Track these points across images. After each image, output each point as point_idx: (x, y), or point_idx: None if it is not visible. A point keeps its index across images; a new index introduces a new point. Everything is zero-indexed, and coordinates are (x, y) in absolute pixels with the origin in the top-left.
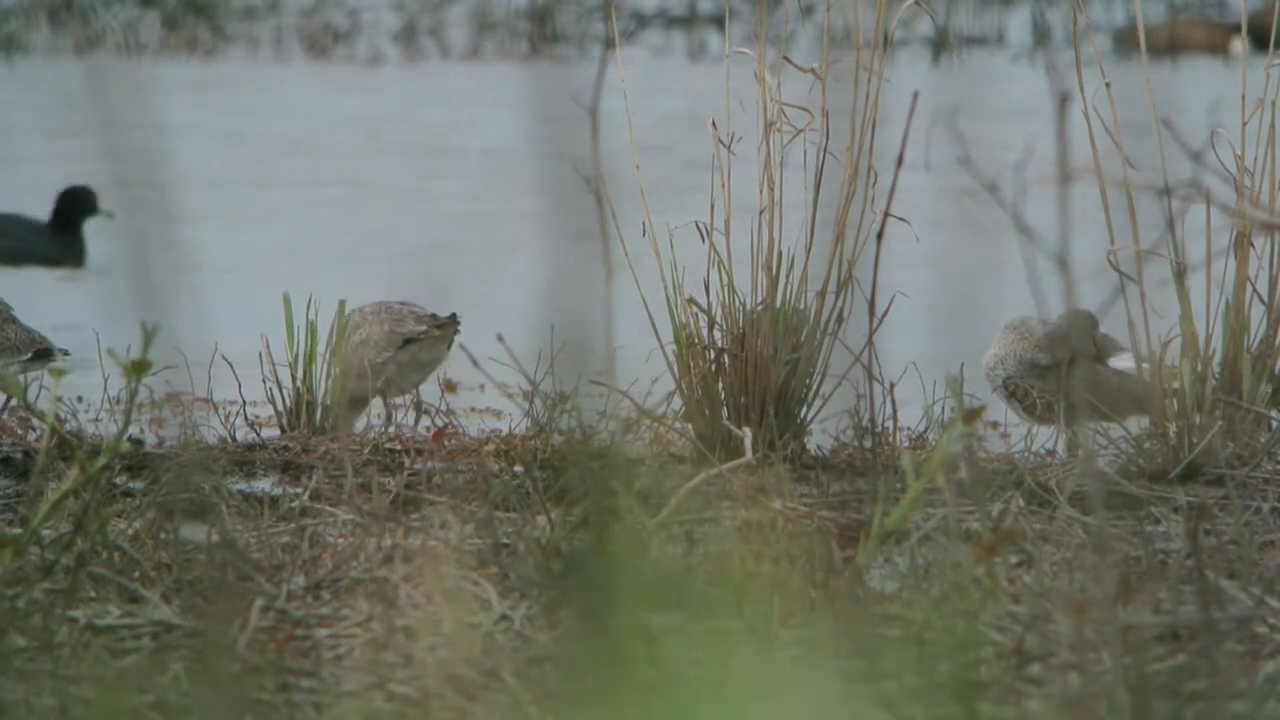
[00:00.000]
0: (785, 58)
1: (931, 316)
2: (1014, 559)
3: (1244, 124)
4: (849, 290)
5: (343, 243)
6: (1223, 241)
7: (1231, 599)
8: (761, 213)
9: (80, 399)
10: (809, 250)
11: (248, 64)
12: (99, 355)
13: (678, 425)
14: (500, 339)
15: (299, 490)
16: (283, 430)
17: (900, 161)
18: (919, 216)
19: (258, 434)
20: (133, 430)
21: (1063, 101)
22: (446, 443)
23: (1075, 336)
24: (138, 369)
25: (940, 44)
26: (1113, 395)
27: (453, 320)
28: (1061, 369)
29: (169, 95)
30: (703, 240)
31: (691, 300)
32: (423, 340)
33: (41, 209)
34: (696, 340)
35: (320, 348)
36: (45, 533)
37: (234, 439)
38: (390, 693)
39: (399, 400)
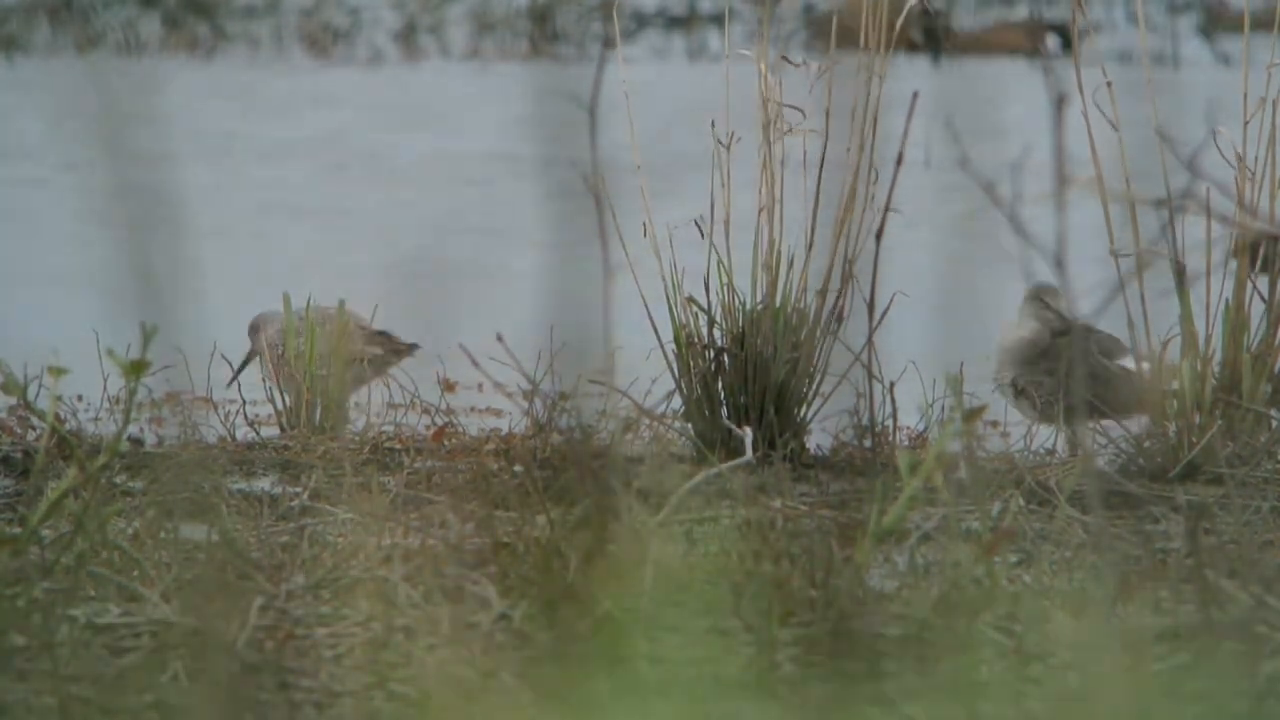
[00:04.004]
0: (784, 57)
1: (932, 316)
2: (1014, 558)
3: (1245, 123)
4: (849, 289)
5: (341, 240)
6: (1222, 243)
7: (1231, 599)
8: (761, 212)
9: (80, 398)
10: (809, 249)
11: (248, 64)
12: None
13: (677, 425)
14: (500, 339)
15: (299, 490)
16: (282, 430)
17: (900, 160)
18: (921, 216)
19: (257, 433)
20: (132, 430)
21: (1059, 104)
22: (446, 442)
23: (1072, 340)
24: (136, 368)
25: (941, 43)
26: (1117, 387)
27: (410, 348)
28: (1061, 365)
29: (169, 94)
30: (702, 238)
31: (691, 299)
32: (374, 361)
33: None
34: (696, 339)
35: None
36: (45, 532)
37: (233, 438)
38: (390, 692)
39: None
